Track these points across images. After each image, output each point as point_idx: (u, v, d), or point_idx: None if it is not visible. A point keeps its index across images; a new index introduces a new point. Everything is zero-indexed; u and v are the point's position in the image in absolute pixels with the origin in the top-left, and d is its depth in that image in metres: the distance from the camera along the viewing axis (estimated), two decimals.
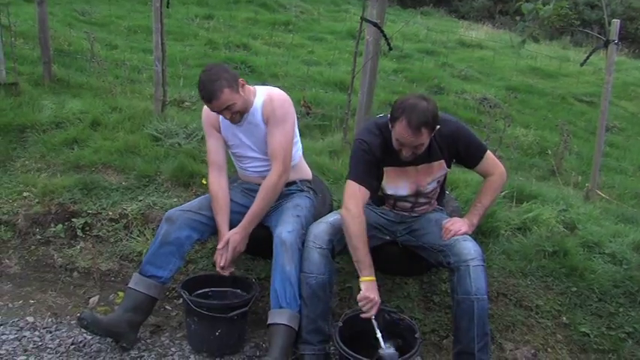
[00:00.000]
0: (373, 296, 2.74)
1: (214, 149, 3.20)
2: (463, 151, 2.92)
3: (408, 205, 3.04)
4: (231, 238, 3.03)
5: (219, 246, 3.05)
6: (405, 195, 2.99)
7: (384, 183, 2.97)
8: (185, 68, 6.49)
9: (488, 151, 2.97)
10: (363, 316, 2.76)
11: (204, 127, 3.25)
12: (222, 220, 3.09)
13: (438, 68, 8.24)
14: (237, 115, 3.02)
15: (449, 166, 2.98)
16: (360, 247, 2.78)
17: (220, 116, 3.10)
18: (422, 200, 3.03)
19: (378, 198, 3.06)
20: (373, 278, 2.78)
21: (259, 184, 3.17)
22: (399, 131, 2.68)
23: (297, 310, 2.84)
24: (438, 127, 2.73)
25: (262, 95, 3.11)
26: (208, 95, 2.92)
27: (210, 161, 3.20)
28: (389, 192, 2.98)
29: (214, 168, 3.17)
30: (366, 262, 2.79)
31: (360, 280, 2.79)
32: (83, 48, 6.55)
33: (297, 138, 3.27)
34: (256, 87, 3.17)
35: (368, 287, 2.76)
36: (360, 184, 2.82)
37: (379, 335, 2.70)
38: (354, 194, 2.81)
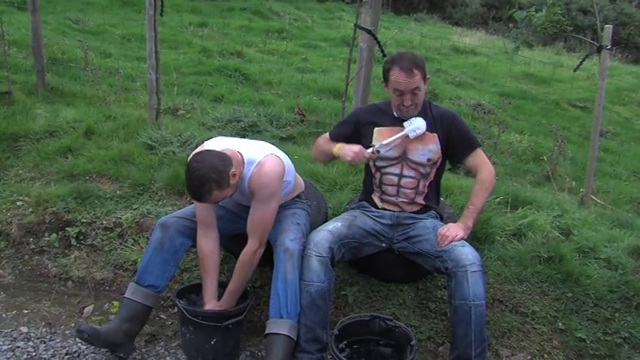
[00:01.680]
0: (352, 153, 2.98)
1: (202, 207, 2.97)
2: (456, 136, 3.01)
3: (395, 178, 3.06)
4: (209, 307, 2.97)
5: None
6: (393, 157, 3.04)
7: (374, 141, 3.06)
8: (179, 76, 6.50)
9: (481, 149, 3.06)
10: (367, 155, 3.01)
11: None
12: (210, 282, 2.99)
13: (432, 75, 8.24)
14: (230, 195, 2.88)
15: (443, 150, 3.02)
16: (326, 144, 3.19)
17: None
18: (408, 173, 3.05)
19: (368, 186, 3.13)
20: (341, 145, 3.07)
21: None
22: (394, 78, 2.91)
23: (296, 319, 2.82)
24: (429, 77, 2.98)
25: (252, 165, 2.89)
26: (196, 197, 2.79)
27: (198, 219, 3.00)
28: (378, 147, 3.03)
29: (203, 227, 2.99)
30: (332, 146, 3.12)
31: (335, 150, 3.07)
32: (77, 56, 6.55)
33: (290, 169, 3.11)
34: (245, 152, 2.93)
35: (342, 152, 3.03)
36: (329, 133, 3.24)
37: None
38: (325, 137, 3.25)
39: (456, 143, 3.03)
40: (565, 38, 13.68)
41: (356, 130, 3.14)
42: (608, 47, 4.12)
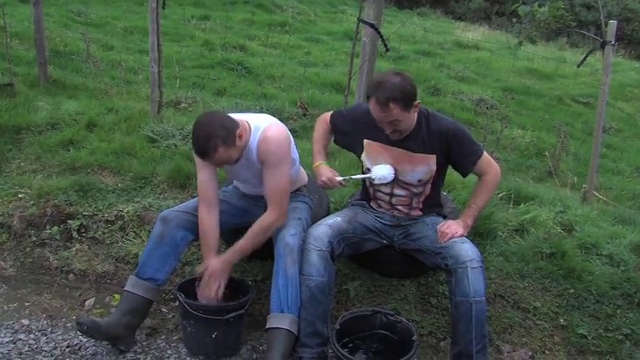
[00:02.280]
0: (324, 178, 3.04)
1: (205, 183, 2.98)
2: (457, 152, 2.92)
3: (386, 197, 3.05)
4: (210, 267, 2.93)
5: (199, 270, 2.97)
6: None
7: (363, 156, 3.04)
8: (181, 69, 6.48)
9: (484, 154, 2.96)
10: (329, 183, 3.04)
11: (195, 159, 3.02)
12: (210, 255, 2.98)
13: (435, 69, 8.24)
14: (232, 161, 2.88)
15: (440, 168, 2.97)
16: (317, 143, 3.20)
17: None
18: (399, 192, 3.02)
19: (364, 192, 3.13)
20: (320, 163, 3.11)
21: (257, 194, 3.14)
22: (371, 109, 2.80)
23: (297, 314, 2.82)
24: (418, 102, 2.81)
25: (258, 132, 2.91)
26: (201, 153, 2.78)
27: (201, 196, 3.00)
28: (367, 166, 3.02)
29: (205, 204, 2.98)
30: (318, 151, 3.18)
31: (314, 165, 3.12)
32: (79, 49, 6.54)
33: (297, 162, 3.16)
34: (251, 120, 2.96)
35: (317, 172, 3.09)
36: (333, 125, 3.20)
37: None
38: (326, 119, 3.25)
39: (459, 158, 2.94)
40: (568, 34, 13.64)
41: (352, 129, 3.09)
42: (612, 43, 4.10)
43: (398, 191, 3.02)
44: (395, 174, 2.95)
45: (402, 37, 10.06)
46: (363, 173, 3.09)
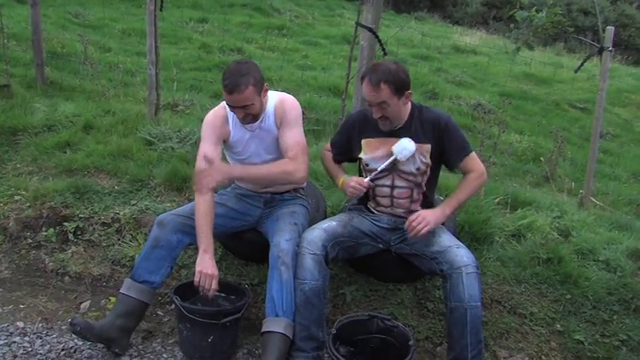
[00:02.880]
0: (352, 183, 2.98)
1: (211, 152, 2.98)
2: (448, 143, 2.95)
3: (387, 189, 3.04)
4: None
5: (208, 287, 2.90)
6: (382, 169, 3.00)
7: (362, 154, 3.05)
8: (179, 72, 6.48)
9: (473, 153, 2.99)
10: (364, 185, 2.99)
11: (205, 131, 3.06)
12: (209, 244, 2.94)
13: (433, 74, 8.25)
14: (249, 116, 2.95)
15: (434, 161, 2.98)
16: (332, 169, 3.23)
17: (231, 125, 3.05)
18: (400, 184, 3.01)
19: (364, 194, 3.09)
20: (344, 179, 3.07)
21: (255, 192, 3.15)
22: (364, 90, 2.87)
23: (292, 318, 2.81)
24: (410, 92, 2.89)
25: (274, 100, 3.06)
26: (232, 86, 2.81)
27: (207, 160, 2.98)
28: (366, 162, 3.03)
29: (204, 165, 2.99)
30: (337, 172, 3.18)
31: (339, 184, 3.10)
32: (76, 50, 6.54)
33: None
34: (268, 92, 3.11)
35: (345, 184, 3.03)
36: (334, 152, 3.22)
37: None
38: (327, 151, 3.27)
39: (448, 151, 2.97)
40: (566, 39, 13.69)
41: (349, 139, 3.13)
42: (610, 49, 4.11)
43: (399, 182, 3.02)
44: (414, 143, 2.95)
45: (400, 41, 10.06)
46: (362, 170, 3.10)
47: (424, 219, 2.83)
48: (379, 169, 2.99)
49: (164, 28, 7.88)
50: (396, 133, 2.96)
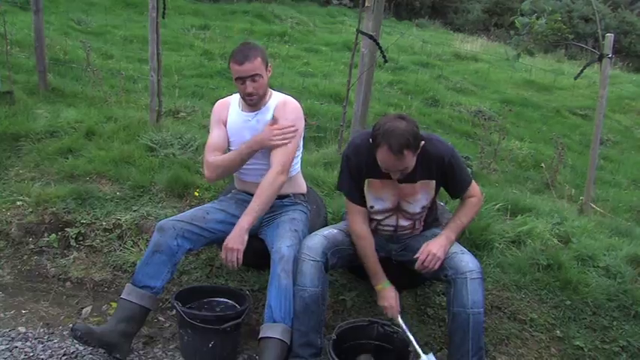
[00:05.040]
0: (387, 304, 2.89)
1: (217, 136, 3.20)
2: (451, 179, 2.92)
3: (391, 228, 3.02)
4: (228, 238, 2.95)
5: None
6: (387, 209, 2.96)
7: (366, 194, 2.96)
8: (181, 78, 6.51)
9: (472, 181, 2.99)
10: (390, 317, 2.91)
11: (212, 120, 3.26)
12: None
13: (434, 80, 8.27)
14: (256, 96, 3.07)
15: (438, 189, 2.96)
16: (369, 261, 2.95)
17: (228, 112, 3.19)
18: (404, 223, 3.00)
19: None
20: (383, 286, 2.93)
21: (253, 193, 3.17)
22: (382, 157, 2.70)
23: (290, 324, 2.82)
24: (423, 143, 2.73)
25: (278, 98, 3.18)
26: (242, 56, 2.99)
27: (210, 146, 3.17)
28: (371, 203, 2.96)
29: (212, 152, 3.15)
30: (376, 272, 2.95)
31: (376, 289, 2.96)
32: (79, 57, 6.56)
33: (301, 150, 3.27)
34: (272, 90, 3.22)
35: (381, 295, 2.92)
36: (357, 204, 2.96)
37: (414, 343, 2.77)
38: (356, 215, 2.97)
39: (452, 185, 2.96)
40: (566, 46, 13.69)
41: (359, 178, 2.95)
42: (610, 56, 4.12)
43: (402, 222, 3.00)
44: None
45: (401, 48, 10.10)
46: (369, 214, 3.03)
47: (434, 256, 2.80)
48: (405, 328, 2.85)
49: (166, 35, 7.91)
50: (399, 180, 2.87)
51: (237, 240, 2.94)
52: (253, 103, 3.10)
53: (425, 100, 7.12)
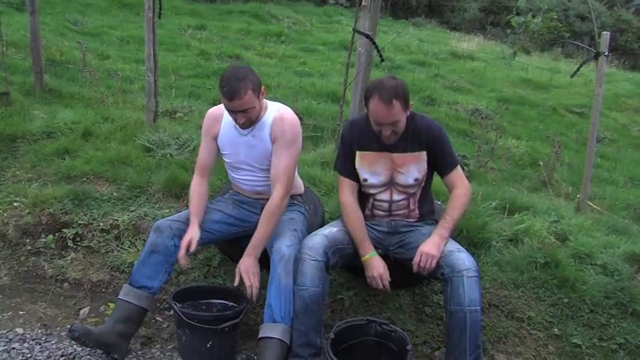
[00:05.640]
0: (375, 273, 2.93)
1: (205, 154, 3.17)
2: (439, 153, 2.97)
3: (385, 204, 3.04)
4: (242, 265, 2.93)
5: (185, 245, 2.96)
6: (381, 183, 3.00)
7: (358, 168, 3.02)
8: (177, 79, 6.49)
9: (459, 167, 3.03)
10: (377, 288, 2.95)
11: (202, 132, 3.20)
12: (198, 210, 3.08)
13: (430, 79, 8.27)
14: (248, 121, 2.96)
15: (429, 166, 3.00)
16: (356, 230, 2.99)
17: (222, 124, 3.10)
18: (397, 197, 3.02)
19: (360, 203, 3.07)
20: (370, 256, 2.95)
21: (250, 197, 3.17)
22: (373, 109, 2.81)
23: (290, 324, 2.82)
24: (412, 104, 2.88)
25: (273, 112, 3.05)
26: (231, 93, 2.83)
27: (198, 164, 3.18)
28: (364, 176, 3.02)
29: (199, 171, 3.17)
30: (363, 240, 2.97)
31: (363, 260, 2.96)
32: (75, 58, 6.55)
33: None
34: (267, 101, 3.11)
35: (369, 265, 2.94)
36: (347, 177, 3.05)
37: None
38: (344, 187, 3.06)
39: (438, 161, 2.99)
40: (563, 44, 13.72)
41: (351, 151, 3.05)
42: (606, 54, 4.13)
43: (397, 196, 3.03)
44: None
45: (398, 47, 10.10)
46: (361, 184, 3.07)
47: (428, 255, 2.82)
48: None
49: (162, 35, 7.90)
50: (393, 146, 2.95)
51: (252, 270, 2.95)
52: (246, 126, 3.00)
53: (422, 99, 7.12)
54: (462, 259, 2.78)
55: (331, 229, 3.01)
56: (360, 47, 4.10)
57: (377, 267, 2.94)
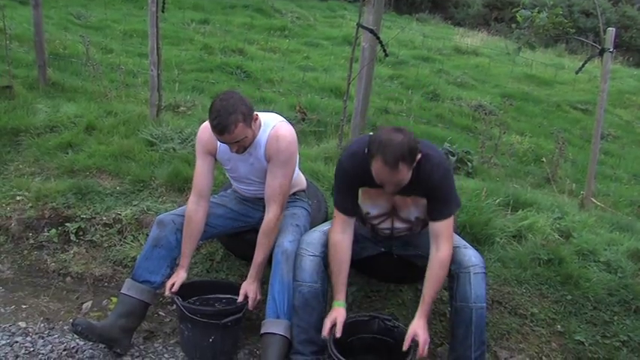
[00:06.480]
0: (328, 320, 2.74)
1: (201, 174, 3.02)
2: (434, 200, 2.74)
3: (387, 231, 2.96)
4: (249, 292, 2.93)
5: (169, 285, 2.96)
6: (382, 213, 2.88)
7: (361, 202, 2.87)
8: (181, 73, 6.50)
9: (450, 220, 2.76)
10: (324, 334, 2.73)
11: (196, 148, 3.07)
12: (189, 248, 3.01)
13: (434, 75, 8.25)
14: (242, 148, 2.87)
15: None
16: (335, 275, 2.82)
17: (218, 142, 2.95)
18: (399, 226, 2.92)
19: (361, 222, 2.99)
20: (338, 304, 2.79)
21: (255, 197, 3.15)
22: (377, 169, 2.55)
23: (291, 320, 2.82)
24: (419, 156, 2.59)
25: (268, 129, 2.93)
26: (221, 127, 2.71)
27: (194, 185, 3.03)
28: (366, 210, 2.89)
29: (196, 193, 3.01)
30: (338, 287, 2.81)
31: (335, 304, 2.80)
32: (78, 52, 6.55)
33: (296, 165, 3.14)
34: (262, 116, 2.98)
35: (332, 310, 2.78)
36: (342, 212, 2.83)
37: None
38: (337, 223, 2.84)
39: (430, 205, 2.75)
40: (567, 40, 13.68)
41: (353, 187, 2.84)
42: (611, 50, 4.11)
43: (398, 224, 2.92)
44: None
45: (401, 42, 10.07)
46: (363, 218, 2.97)
47: (425, 342, 2.66)
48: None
49: (166, 29, 7.89)
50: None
51: (255, 291, 2.97)
52: (241, 152, 2.91)
53: (425, 95, 7.11)
54: (469, 255, 2.77)
55: (330, 226, 2.99)
56: (364, 42, 4.09)
57: (336, 316, 2.75)
